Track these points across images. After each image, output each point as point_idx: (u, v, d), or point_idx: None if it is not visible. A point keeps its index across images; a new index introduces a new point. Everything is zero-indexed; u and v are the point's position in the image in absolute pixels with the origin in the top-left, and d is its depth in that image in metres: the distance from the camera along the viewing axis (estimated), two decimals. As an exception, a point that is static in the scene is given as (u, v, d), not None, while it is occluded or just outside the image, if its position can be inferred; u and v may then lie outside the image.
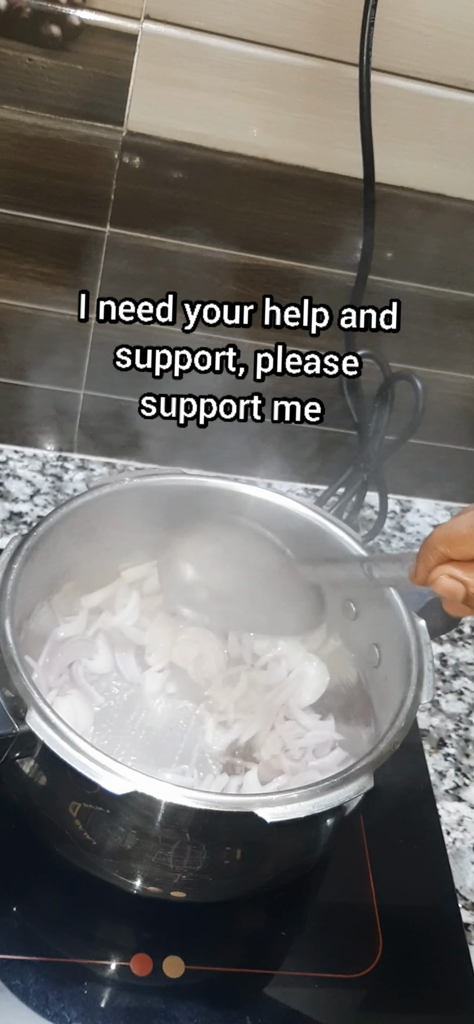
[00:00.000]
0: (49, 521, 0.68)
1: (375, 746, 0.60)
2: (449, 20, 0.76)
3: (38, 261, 0.84)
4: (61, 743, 0.55)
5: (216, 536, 0.72)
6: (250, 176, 0.81)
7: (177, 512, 0.74)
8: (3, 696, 0.57)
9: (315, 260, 0.86)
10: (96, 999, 0.62)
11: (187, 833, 0.57)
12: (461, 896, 0.72)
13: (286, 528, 0.74)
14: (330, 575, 0.69)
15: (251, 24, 0.74)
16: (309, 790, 0.56)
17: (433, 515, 1.04)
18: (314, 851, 0.65)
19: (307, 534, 0.74)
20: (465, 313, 0.91)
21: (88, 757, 0.54)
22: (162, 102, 0.77)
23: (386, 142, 0.77)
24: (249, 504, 0.75)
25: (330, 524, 0.74)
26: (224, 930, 0.67)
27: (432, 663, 0.66)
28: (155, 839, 0.58)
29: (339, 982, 0.66)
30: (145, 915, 0.66)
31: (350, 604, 0.74)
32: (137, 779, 0.54)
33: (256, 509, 0.75)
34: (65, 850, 0.64)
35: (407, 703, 0.62)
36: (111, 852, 0.61)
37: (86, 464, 0.97)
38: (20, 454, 0.96)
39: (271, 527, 0.72)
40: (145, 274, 0.85)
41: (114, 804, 0.56)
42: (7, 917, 0.64)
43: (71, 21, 0.73)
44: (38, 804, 0.62)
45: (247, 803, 0.55)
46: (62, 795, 0.60)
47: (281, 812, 0.55)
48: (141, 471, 0.75)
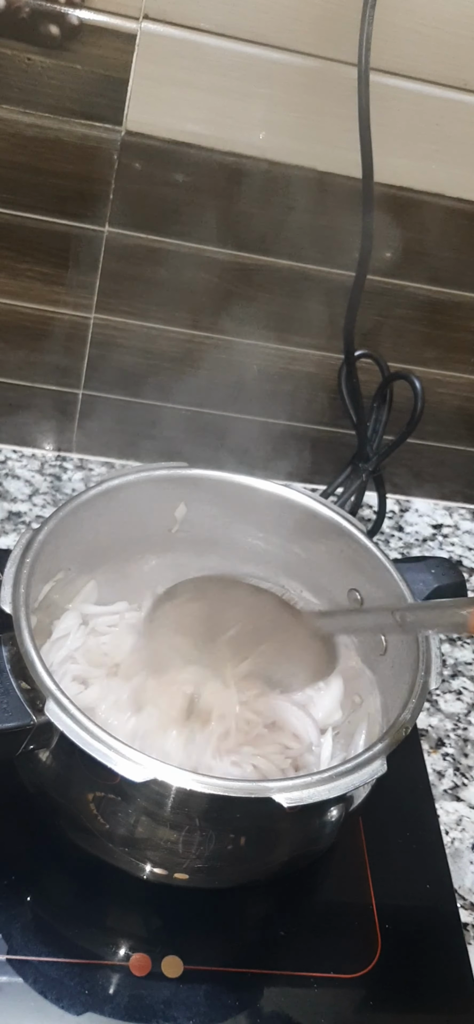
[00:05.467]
0: (59, 515, 0.69)
1: (387, 732, 0.61)
2: (448, 20, 0.76)
3: (36, 261, 0.84)
4: (80, 732, 0.55)
5: (209, 594, 0.70)
6: (249, 176, 0.81)
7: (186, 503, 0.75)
8: (20, 688, 0.58)
9: (313, 260, 0.86)
10: (96, 999, 0.62)
11: (199, 819, 0.58)
12: (460, 896, 0.72)
13: (292, 521, 0.74)
14: (353, 624, 0.67)
15: (250, 24, 0.74)
16: (324, 775, 0.57)
17: (432, 515, 1.04)
18: (320, 840, 0.66)
19: (310, 525, 0.75)
20: (464, 313, 0.91)
21: (107, 746, 0.55)
22: (161, 102, 0.77)
23: (385, 142, 0.77)
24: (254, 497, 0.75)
25: (335, 514, 0.75)
26: (223, 930, 0.67)
27: (439, 650, 0.66)
28: (169, 824, 0.59)
29: (338, 982, 0.66)
30: (145, 913, 0.66)
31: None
32: (155, 767, 0.55)
33: (261, 501, 0.75)
34: (79, 839, 0.64)
35: (416, 689, 0.63)
36: (125, 839, 0.61)
37: (85, 464, 0.97)
38: (19, 454, 0.96)
39: (270, 577, 0.70)
40: (144, 274, 0.85)
41: (131, 791, 0.57)
42: (7, 914, 0.64)
43: (70, 21, 0.73)
44: (54, 794, 0.63)
45: (264, 788, 0.56)
46: (79, 784, 0.60)
47: (297, 797, 0.55)
48: (148, 464, 0.75)
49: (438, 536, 1.02)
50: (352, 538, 0.74)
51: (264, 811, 0.56)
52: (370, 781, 0.59)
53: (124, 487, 0.73)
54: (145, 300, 0.87)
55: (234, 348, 0.90)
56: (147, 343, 0.89)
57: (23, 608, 0.62)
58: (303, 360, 0.92)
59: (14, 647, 0.60)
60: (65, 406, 0.94)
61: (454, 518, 1.04)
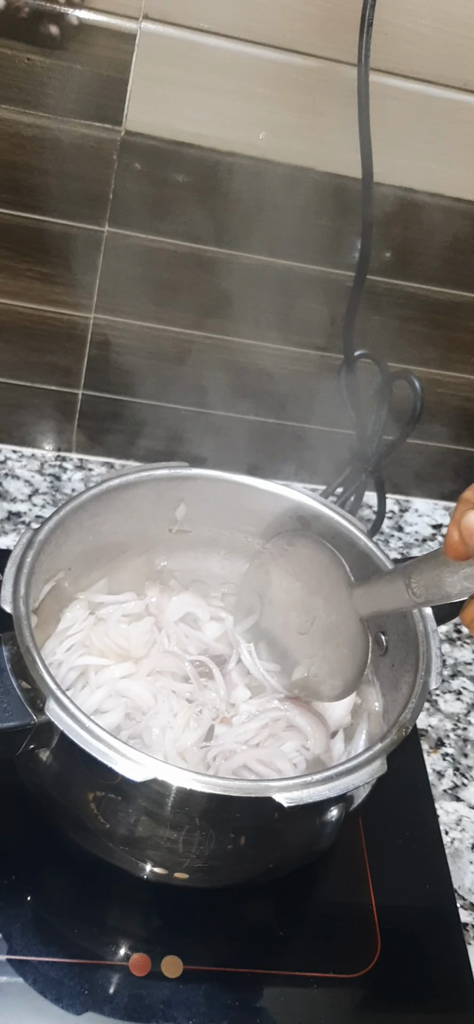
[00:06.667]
0: (59, 514, 0.69)
1: (387, 732, 0.61)
2: (448, 20, 0.76)
3: (36, 261, 0.84)
4: (81, 732, 0.56)
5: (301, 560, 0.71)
6: (249, 176, 0.81)
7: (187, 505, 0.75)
8: (21, 688, 0.58)
9: (313, 260, 0.86)
10: (95, 999, 0.62)
11: (199, 818, 0.58)
12: (459, 896, 0.72)
13: (292, 521, 0.75)
14: (379, 601, 0.65)
15: (250, 24, 0.74)
16: (324, 775, 0.57)
17: (431, 515, 1.04)
18: (320, 840, 0.66)
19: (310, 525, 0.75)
20: (463, 313, 0.91)
21: (107, 745, 0.55)
22: (161, 102, 0.77)
23: (384, 142, 0.77)
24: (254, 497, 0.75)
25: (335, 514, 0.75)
26: (223, 930, 0.67)
27: (439, 650, 0.66)
28: (169, 824, 0.59)
29: (337, 982, 0.66)
30: (145, 913, 0.66)
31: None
32: (155, 767, 0.55)
33: (261, 501, 0.75)
34: (79, 838, 0.64)
35: (417, 689, 0.63)
36: (125, 838, 0.62)
37: (85, 464, 0.97)
38: (19, 454, 0.96)
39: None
40: (144, 274, 0.85)
41: (132, 791, 0.57)
42: (7, 914, 0.64)
43: (69, 21, 0.73)
44: (54, 793, 0.63)
45: (264, 788, 0.56)
46: (79, 783, 0.60)
47: (297, 796, 0.56)
48: (148, 464, 0.75)
49: (438, 536, 1.02)
50: (352, 538, 0.74)
51: (264, 811, 0.56)
52: (370, 781, 0.59)
53: (124, 487, 0.73)
54: (145, 300, 0.87)
55: (234, 348, 0.90)
56: (147, 343, 0.89)
57: (23, 608, 0.62)
58: (303, 360, 0.92)
59: (14, 646, 0.60)
60: (65, 406, 0.94)
61: (454, 518, 1.04)
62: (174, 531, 0.77)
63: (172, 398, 0.93)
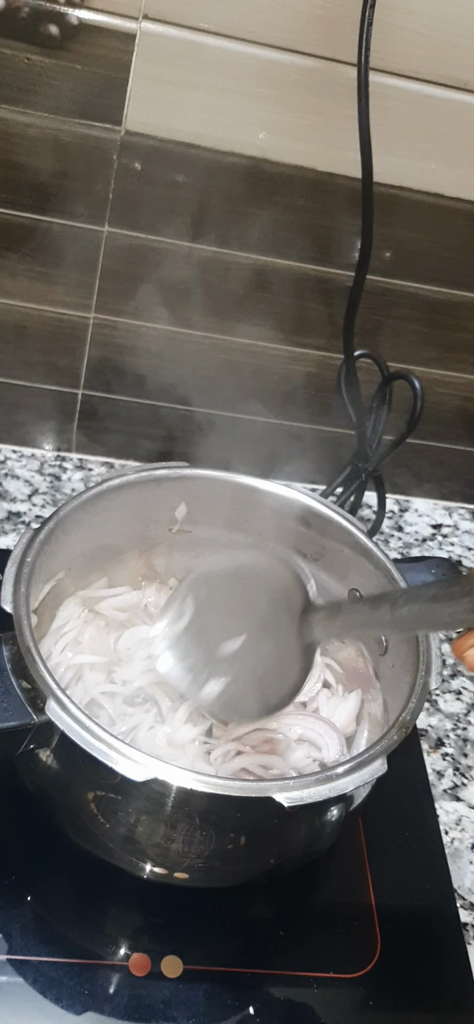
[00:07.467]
0: (59, 515, 0.69)
1: (387, 732, 0.61)
2: (447, 20, 0.76)
3: (36, 260, 0.84)
4: (81, 732, 0.56)
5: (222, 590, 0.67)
6: (248, 176, 0.81)
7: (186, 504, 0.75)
8: (21, 687, 0.58)
9: (313, 260, 0.86)
10: (95, 999, 0.62)
11: (199, 818, 0.58)
12: (459, 896, 0.72)
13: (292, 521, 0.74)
14: (348, 624, 0.62)
15: (249, 24, 0.74)
16: (324, 775, 0.57)
17: (431, 515, 1.04)
18: (320, 840, 0.66)
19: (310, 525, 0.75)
20: (463, 313, 0.91)
21: (107, 745, 0.55)
22: (160, 102, 0.77)
23: (384, 142, 0.77)
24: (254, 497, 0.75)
25: (335, 514, 0.75)
26: (223, 929, 0.67)
27: (439, 650, 0.66)
28: (169, 824, 0.59)
29: (337, 982, 0.66)
30: (145, 912, 0.66)
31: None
32: (156, 766, 0.55)
33: (261, 501, 0.75)
34: (79, 838, 0.64)
35: (417, 689, 0.63)
36: (125, 838, 0.62)
37: (84, 464, 0.97)
38: (18, 454, 0.96)
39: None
40: (144, 274, 0.85)
41: (132, 790, 0.57)
42: (7, 914, 0.64)
43: (69, 21, 0.73)
44: (54, 793, 0.63)
45: (264, 788, 0.56)
46: (79, 783, 0.60)
47: (298, 796, 0.56)
48: (148, 464, 0.75)
49: (438, 536, 1.02)
50: (352, 538, 0.74)
51: (264, 811, 0.56)
52: (370, 781, 0.59)
53: (124, 487, 0.73)
54: (145, 300, 0.87)
55: (234, 348, 0.90)
56: (147, 343, 0.89)
57: (23, 608, 0.62)
58: (303, 360, 0.92)
59: (15, 646, 0.60)
60: (65, 406, 0.94)
61: (454, 518, 1.04)
62: (174, 531, 0.77)
63: (172, 398, 0.93)
